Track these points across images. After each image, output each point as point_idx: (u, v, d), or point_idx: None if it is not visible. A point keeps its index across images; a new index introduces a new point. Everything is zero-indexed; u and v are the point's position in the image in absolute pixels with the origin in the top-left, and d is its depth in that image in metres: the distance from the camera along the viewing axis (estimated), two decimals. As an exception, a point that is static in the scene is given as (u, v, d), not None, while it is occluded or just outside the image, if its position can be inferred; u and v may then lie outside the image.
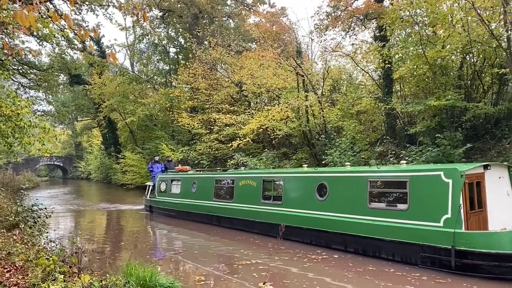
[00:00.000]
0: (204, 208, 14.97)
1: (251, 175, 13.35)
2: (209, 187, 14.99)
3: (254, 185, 12.80)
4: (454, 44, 14.68)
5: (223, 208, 13.99)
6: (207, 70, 28.85)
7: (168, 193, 17.54)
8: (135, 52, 45.89)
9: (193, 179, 16.14)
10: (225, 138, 25.88)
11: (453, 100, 14.05)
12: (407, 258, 8.51)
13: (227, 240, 12.12)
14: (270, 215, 11.87)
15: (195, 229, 14.04)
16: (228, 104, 27.42)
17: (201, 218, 15.07)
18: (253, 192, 12.77)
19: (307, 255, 9.66)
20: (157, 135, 33.83)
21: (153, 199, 18.62)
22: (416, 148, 15.15)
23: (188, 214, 15.88)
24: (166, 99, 32.43)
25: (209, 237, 12.55)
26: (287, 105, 20.58)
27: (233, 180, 13.89)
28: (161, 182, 18.31)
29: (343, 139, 17.78)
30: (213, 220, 14.48)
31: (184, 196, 16.36)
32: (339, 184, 10.26)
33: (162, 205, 17.81)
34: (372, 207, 9.32)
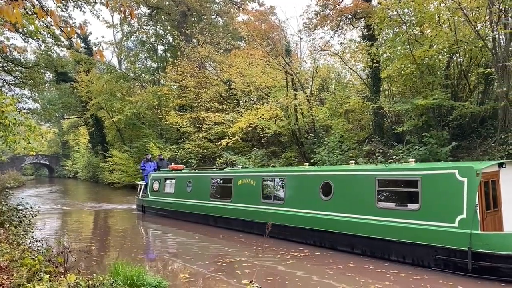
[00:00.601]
0: (200, 208, 14.53)
1: (250, 174, 12.94)
2: (205, 187, 14.56)
3: (254, 184, 12.41)
4: (441, 44, 14.86)
5: (220, 208, 13.54)
6: (195, 68, 28.75)
7: (162, 193, 17.07)
8: (123, 50, 45.55)
9: (188, 178, 15.69)
10: (214, 136, 25.82)
11: (440, 99, 14.21)
12: (419, 260, 8.18)
13: (220, 240, 11.87)
14: (271, 215, 11.37)
15: (190, 229, 13.69)
16: (217, 102, 27.37)
17: (196, 218, 14.64)
18: (253, 192, 12.38)
19: (289, 252, 9.73)
20: (144, 134, 33.62)
21: (145, 199, 18.12)
22: (404, 147, 15.30)
23: (182, 214, 15.44)
24: (154, 97, 32.25)
25: (203, 238, 12.26)
26: (276, 104, 20.62)
27: (231, 179, 13.47)
28: (154, 181, 17.80)
29: (331, 138, 17.88)
30: (209, 221, 14.05)
31: (179, 195, 15.89)
32: (345, 183, 9.88)
33: (155, 205, 17.32)
34: (380, 206, 8.95)
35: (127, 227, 15.36)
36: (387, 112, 18.39)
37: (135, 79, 39.72)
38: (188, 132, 27.82)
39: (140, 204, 18.57)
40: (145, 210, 18.04)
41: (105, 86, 35.95)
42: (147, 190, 18.11)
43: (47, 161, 73.82)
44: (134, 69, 42.98)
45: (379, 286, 7.12)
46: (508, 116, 13.22)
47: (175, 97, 30.84)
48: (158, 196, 17.18)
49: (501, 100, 13.14)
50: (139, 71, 42.35)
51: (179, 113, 29.25)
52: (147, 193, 18.13)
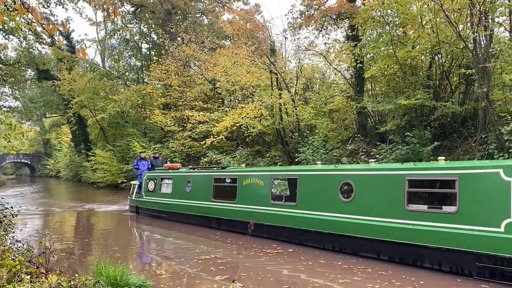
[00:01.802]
0: (201, 209, 13.67)
1: (258, 173, 12.10)
2: (206, 187, 13.68)
3: (262, 185, 11.59)
4: (424, 45, 15.06)
5: (224, 209, 12.68)
6: (180, 67, 28.60)
7: (158, 193, 16.21)
8: (106, 48, 45.04)
9: (188, 177, 14.80)
10: (199, 135, 25.74)
11: (422, 100, 14.40)
12: (458, 268, 7.47)
13: (219, 243, 11.36)
14: (282, 217, 10.61)
15: (188, 231, 12.98)
16: (201, 101, 27.28)
17: (197, 220, 13.77)
18: (261, 192, 11.59)
19: (262, 249, 9.86)
20: (128, 133, 33.34)
21: (139, 199, 17.22)
22: (387, 146, 15.47)
23: (181, 216, 14.57)
24: (138, 95, 32.00)
25: (199, 240, 11.82)
26: (260, 103, 20.65)
27: (235, 179, 12.64)
28: (149, 180, 16.89)
29: (315, 137, 17.98)
30: (211, 223, 13.18)
31: (177, 196, 15.06)
32: (369, 183, 9.09)
33: (150, 206, 16.46)
34: (411, 209, 8.17)
35: (118, 228, 14.91)
36: (370, 111, 18.58)
37: (118, 78, 39.33)
38: (173, 131, 27.68)
39: (134, 205, 17.73)
40: (139, 211, 17.25)
41: (88, 84, 35.52)
42: (141, 190, 17.29)
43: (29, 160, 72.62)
44: (118, 67, 42.56)
45: (348, 280, 7.37)
46: (488, 116, 13.47)
47: (159, 95, 30.63)
48: (154, 197, 16.36)
49: (482, 100, 13.38)
50: (123, 70, 41.94)
51: (164, 112, 29.08)
52: (141, 193, 17.28)
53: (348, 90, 21.05)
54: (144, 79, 37.62)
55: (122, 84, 39.66)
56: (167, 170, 16.62)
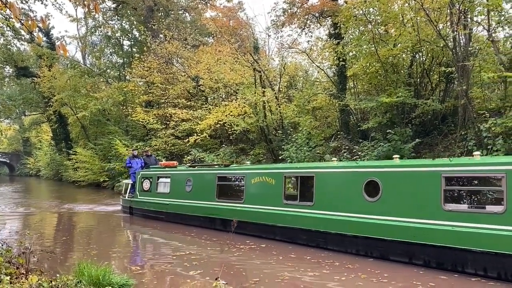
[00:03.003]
0: (204, 210, 12.88)
1: (268, 171, 11.37)
2: (210, 185, 12.90)
3: (273, 183, 10.91)
4: (405, 43, 15.26)
5: (230, 210, 11.88)
6: (162, 64, 28.38)
7: (154, 193, 15.43)
8: (87, 45, 44.35)
9: (188, 175, 14.03)
10: (182, 133, 25.59)
11: (404, 97, 14.59)
12: (508, 274, 6.80)
13: (206, 242, 11.06)
14: (298, 218, 9.96)
15: (184, 232, 12.41)
16: (184, 99, 27.13)
17: (199, 221, 12.99)
18: (272, 191, 10.89)
19: (236, 245, 10.03)
20: (110, 131, 32.95)
21: (133, 199, 16.47)
22: (369, 143, 15.64)
23: (181, 217, 13.77)
24: (119, 93, 31.65)
25: (190, 239, 11.49)
26: (244, 101, 20.65)
27: (242, 177, 11.96)
28: (143, 179, 16.10)
29: (299, 135, 18.06)
30: (216, 224, 12.37)
31: (176, 195, 14.30)
32: (397, 181, 8.42)
33: (146, 206, 15.65)
34: (448, 209, 7.53)
35: (104, 228, 14.48)
36: (353, 109, 18.75)
37: (100, 75, 38.80)
38: (155, 129, 27.46)
39: (127, 205, 16.95)
40: (133, 211, 16.47)
41: (68, 81, 34.95)
42: (135, 190, 16.58)
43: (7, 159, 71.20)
44: (99, 64, 41.96)
45: (317, 273, 7.65)
46: (468, 113, 13.72)
47: (142, 93, 30.34)
48: (150, 197, 15.59)
49: (461, 98, 13.62)
50: (104, 67, 41.37)
51: (146, 110, 28.82)
52: (135, 193, 16.52)
53: (331, 88, 21.20)
54: (126, 77, 37.20)
55: (104, 82, 39.16)
56: (163, 168, 15.92)
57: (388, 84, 16.17)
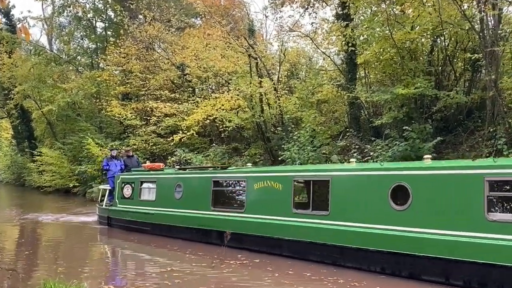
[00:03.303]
0: (196, 220, 12.68)
1: (274, 174, 11.20)
2: (204, 192, 12.70)
3: (280, 189, 10.71)
4: (424, 25, 15.28)
5: (228, 220, 11.68)
6: (142, 50, 28.32)
7: (136, 200, 15.18)
8: (54, 27, 44.17)
9: (177, 180, 13.86)
10: (165, 131, 25.57)
11: (423, 88, 14.60)
12: None
13: (193, 256, 11.04)
14: (310, 231, 9.75)
15: (181, 248, 12.10)
16: (168, 90, 27.10)
17: (191, 234, 12.83)
18: (278, 198, 10.70)
19: (225, 260, 10.08)
20: (81, 127, 32.83)
21: (112, 208, 16.24)
22: (382, 142, 15.68)
23: (169, 229, 13.54)
24: (92, 83, 31.54)
25: (173, 254, 11.35)
26: (238, 93, 20.65)
27: (243, 181, 11.78)
28: (124, 184, 15.79)
29: (301, 132, 18.07)
30: (211, 237, 12.13)
31: (163, 203, 14.04)
32: (430, 186, 8.16)
33: (127, 216, 15.38)
34: (492, 219, 7.26)
35: (79, 242, 14.23)
36: (364, 102, 18.78)
37: (69, 62, 38.66)
38: (134, 126, 27.41)
39: (105, 215, 16.68)
40: (111, 222, 16.26)
41: (32, 70, 34.81)
42: (114, 197, 16.31)
43: (-40, 161, 70.75)
44: (68, 50, 41.75)
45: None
46: (497, 107, 13.74)
47: (118, 83, 30.28)
48: (131, 205, 15.34)
49: (489, 89, 13.64)
50: (74, 53, 41.21)
51: (123, 103, 28.77)
52: (114, 200, 16.29)
53: (339, 78, 21.23)
54: (99, 64, 37.07)
55: (73, 70, 39.04)
56: (147, 171, 15.79)
57: (405, 73, 16.21)
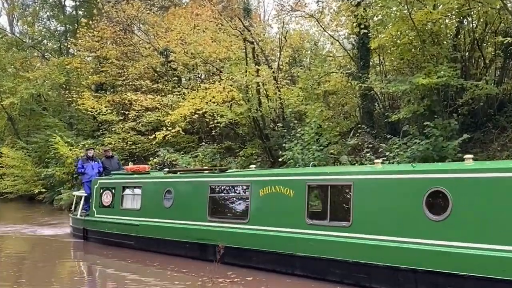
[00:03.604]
0: (190, 233, 12.46)
1: (284, 178, 11.03)
2: (199, 199, 12.61)
3: (291, 195, 10.46)
4: (449, 4, 15.26)
5: (230, 233, 11.47)
6: (119, 33, 28.25)
7: (118, 209, 15.06)
8: (16, 6, 44.09)
9: (167, 185, 13.73)
10: (146, 127, 25.55)
11: (447, 77, 14.56)
12: None
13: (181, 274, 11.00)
14: (328, 245, 9.49)
15: (171, 265, 11.97)
16: (149, 80, 27.05)
17: (184, 249, 12.62)
18: (289, 207, 10.48)
19: (213, 279, 9.99)
20: (48, 124, 32.80)
21: (88, 219, 16.06)
22: (400, 140, 15.66)
23: (158, 243, 13.39)
24: (60, 72, 31.49)
25: (182, 277, 11.00)
26: (231, 83, 20.61)
27: (247, 187, 11.58)
28: (103, 190, 15.67)
29: (306, 129, 18.02)
30: (207, 253, 11.82)
31: (150, 213, 13.90)
32: (474, 192, 7.92)
33: (106, 228, 15.19)
34: None
35: (47, 258, 13.87)
36: (378, 94, 18.80)
37: (33, 47, 38.61)
38: (109, 122, 27.34)
39: (79, 226, 16.53)
40: (87, 235, 16.13)
41: (-11, 56, 34.81)
42: (91, 205, 16.07)
43: None
44: (33, 33, 41.66)
45: None
46: (533, 99, 13.79)
47: (91, 72, 30.21)
48: (112, 215, 15.20)
49: (524, 78, 13.69)
50: (40, 36, 41.14)
51: (97, 95, 28.70)
52: (90, 209, 16.08)
53: (349, 65, 21.22)
54: (69, 50, 37.00)
55: (39, 57, 38.94)
56: (130, 174, 15.71)
57: (426, 60, 16.19)
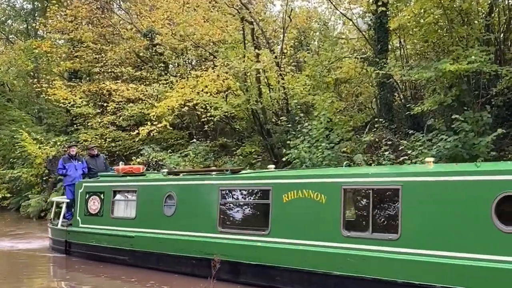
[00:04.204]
0: (197, 247, 12.03)
1: (313, 181, 10.61)
2: (207, 206, 12.33)
3: (323, 201, 9.97)
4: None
5: (245, 247, 11.10)
6: (96, 11, 28.25)
7: (107, 217, 14.64)
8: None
9: (168, 188, 13.34)
10: (128, 122, 25.56)
11: (479, 63, 14.59)
12: None
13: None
14: (371, 262, 9.04)
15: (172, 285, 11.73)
16: (131, 66, 27.05)
17: (190, 266, 12.21)
18: (321, 216, 10.02)
19: None
20: (13, 117, 32.79)
21: (72, 229, 15.65)
22: (424, 136, 15.68)
23: (157, 259, 13.01)
24: (27, 57, 31.46)
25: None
26: (227, 70, 20.59)
27: (266, 192, 11.18)
28: (89, 195, 15.27)
29: (314, 123, 18.04)
30: (221, 272, 10.76)
31: (147, 223, 13.48)
32: None
33: (94, 241, 14.78)
34: None
35: (17, 279, 13.33)
36: (398, 82, 18.82)
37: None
38: (85, 115, 27.35)
39: (61, 238, 16.14)
40: (71, 249, 15.71)
41: None
42: (75, 213, 15.74)
43: None
44: (-6, 12, 41.82)
45: None
46: None
47: (63, 57, 30.19)
48: (100, 224, 14.82)
49: None
50: (3, 16, 41.19)
51: (70, 84, 28.68)
52: (74, 218, 15.76)
53: (364, 49, 21.24)
54: (38, 31, 36.98)
55: (2, 40, 38.90)
56: (123, 176, 15.49)
57: (455, 43, 16.22)
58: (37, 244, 17.91)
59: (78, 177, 16.48)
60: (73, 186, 16.18)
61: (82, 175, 16.65)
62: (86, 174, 16.75)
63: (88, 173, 16.78)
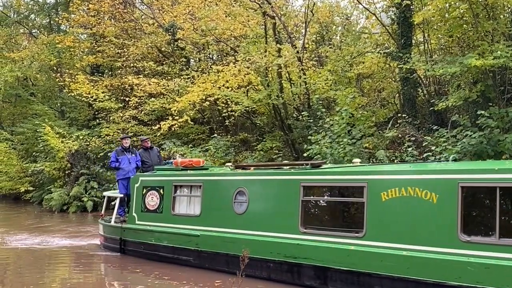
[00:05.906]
0: (275, 249, 11.19)
1: (421, 177, 9.54)
2: (286, 203, 11.37)
3: (434, 201, 8.89)
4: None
5: (335, 250, 10.15)
6: (118, 6, 28.32)
7: (168, 214, 13.95)
8: (-1, -25, 44.48)
9: (238, 184, 12.54)
10: (149, 116, 25.62)
11: (505, 58, 14.40)
12: None
13: None
14: (499, 273, 7.91)
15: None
16: (153, 61, 27.09)
17: (266, 269, 11.36)
18: (431, 217, 8.98)
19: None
20: (36, 111, 33.05)
21: (127, 227, 15.08)
22: (448, 133, 15.54)
23: (227, 261, 12.03)
24: (50, 52, 31.64)
25: None
26: (248, 64, 20.56)
27: (360, 188, 10.17)
28: (147, 190, 14.61)
29: (335, 119, 17.96)
30: (302, 277, 10.72)
31: (215, 220, 12.72)
32: None
33: (152, 239, 14.15)
34: None
35: (63, 279, 12.92)
36: (422, 78, 18.62)
37: (19, 23, 38.89)
38: (107, 109, 27.47)
39: (116, 236, 15.47)
40: (125, 248, 15.12)
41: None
42: (131, 209, 15.15)
43: None
44: (18, 6, 42.04)
45: None
46: None
47: (86, 52, 30.32)
48: (160, 222, 14.15)
49: None
50: (26, 10, 41.48)
51: (92, 79, 28.80)
52: (130, 215, 15.18)
53: (388, 44, 21.06)
54: (61, 26, 37.19)
55: (25, 34, 39.19)
56: (183, 170, 14.77)
57: (480, 38, 16.03)
58: (86, 241, 17.38)
59: (132, 170, 15.83)
60: (126, 180, 15.67)
61: (136, 168, 16.00)
62: (139, 168, 16.10)
63: (142, 166, 16.13)
